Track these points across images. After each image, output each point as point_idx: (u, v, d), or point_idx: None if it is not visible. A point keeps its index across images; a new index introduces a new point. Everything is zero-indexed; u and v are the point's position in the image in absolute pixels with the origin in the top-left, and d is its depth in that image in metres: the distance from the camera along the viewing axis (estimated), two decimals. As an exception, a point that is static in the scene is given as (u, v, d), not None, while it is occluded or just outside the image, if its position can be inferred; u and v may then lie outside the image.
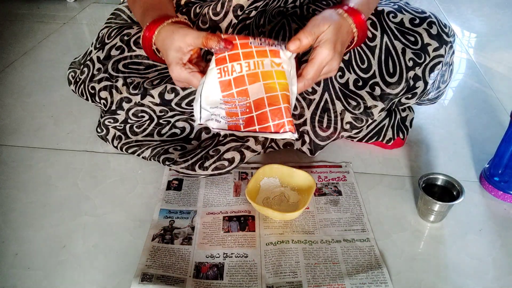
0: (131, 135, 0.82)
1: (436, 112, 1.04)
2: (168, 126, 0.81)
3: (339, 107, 0.78)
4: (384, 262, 0.65)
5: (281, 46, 0.58)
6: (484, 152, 0.89)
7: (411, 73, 0.75)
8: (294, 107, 0.78)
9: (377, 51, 0.75)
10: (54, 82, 1.12)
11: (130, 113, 0.79)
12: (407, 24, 0.75)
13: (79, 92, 0.87)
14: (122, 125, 0.82)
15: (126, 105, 0.79)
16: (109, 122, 0.82)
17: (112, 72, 0.80)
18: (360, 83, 0.77)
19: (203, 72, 0.62)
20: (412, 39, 0.75)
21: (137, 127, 0.82)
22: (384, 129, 0.86)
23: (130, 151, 0.81)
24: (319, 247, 0.67)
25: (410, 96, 0.79)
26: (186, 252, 0.66)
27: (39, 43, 1.34)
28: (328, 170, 0.83)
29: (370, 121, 0.79)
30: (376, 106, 0.77)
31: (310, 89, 0.78)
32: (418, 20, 0.75)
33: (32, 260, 0.65)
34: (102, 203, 0.75)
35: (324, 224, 0.71)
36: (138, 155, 0.80)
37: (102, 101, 0.82)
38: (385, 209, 0.75)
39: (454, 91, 1.15)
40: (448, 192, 0.73)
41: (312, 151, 0.82)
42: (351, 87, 0.77)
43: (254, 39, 0.58)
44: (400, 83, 0.75)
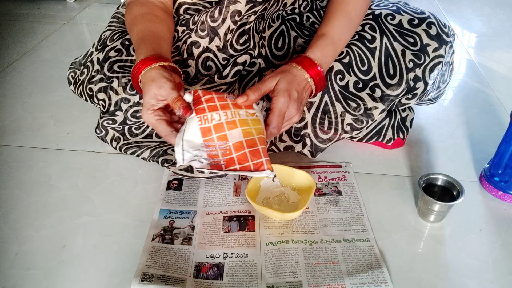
0: (129, 136, 0.82)
1: (436, 112, 1.04)
2: None
3: (339, 109, 0.78)
4: (384, 262, 0.65)
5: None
6: (484, 152, 0.89)
7: (411, 74, 0.75)
8: None
9: (377, 53, 0.75)
10: (54, 82, 1.12)
11: (129, 113, 0.79)
12: (406, 25, 0.75)
13: (78, 92, 0.88)
14: (121, 126, 0.82)
15: (124, 105, 0.79)
16: (107, 123, 0.82)
17: (108, 73, 0.80)
18: (360, 85, 0.77)
19: (180, 122, 0.66)
20: (411, 40, 0.75)
21: (135, 128, 0.82)
22: (384, 129, 0.86)
23: (129, 152, 0.81)
24: (319, 247, 0.67)
25: (410, 96, 0.79)
26: (186, 252, 0.66)
27: (39, 43, 1.34)
28: (328, 170, 0.83)
29: (370, 122, 0.79)
30: (376, 108, 0.77)
31: None
32: (417, 21, 0.75)
33: (32, 260, 0.65)
34: (102, 203, 0.75)
35: (324, 224, 0.71)
36: (138, 155, 0.80)
37: (101, 102, 0.82)
38: (385, 209, 0.75)
39: (454, 91, 1.15)
40: (448, 192, 0.73)
41: (313, 153, 0.82)
42: (351, 89, 0.77)
43: (229, 94, 0.66)
44: (401, 85, 0.75)
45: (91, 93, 0.83)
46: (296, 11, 0.84)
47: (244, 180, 0.80)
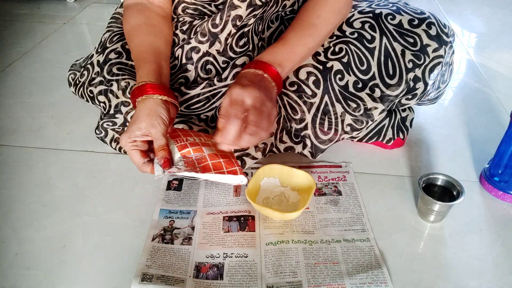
0: None
1: (436, 112, 1.04)
2: None
3: (339, 109, 0.78)
4: (384, 262, 0.65)
5: None
6: (484, 152, 0.89)
7: (411, 74, 0.75)
8: (295, 111, 0.79)
9: (376, 53, 0.75)
10: (54, 82, 1.12)
11: (129, 116, 0.79)
12: (406, 25, 0.75)
13: (79, 94, 0.88)
14: (121, 128, 0.82)
15: (124, 108, 0.79)
16: (107, 125, 0.82)
17: (107, 76, 0.80)
18: (360, 85, 0.77)
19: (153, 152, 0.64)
20: (411, 40, 0.75)
21: None
22: (384, 129, 0.86)
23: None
24: (319, 247, 0.67)
25: (410, 97, 0.79)
26: (186, 252, 0.66)
27: (39, 43, 1.34)
28: (328, 170, 0.83)
29: (370, 122, 0.79)
30: (376, 108, 0.77)
31: (310, 92, 0.78)
32: (417, 21, 0.75)
33: (32, 260, 0.65)
34: (102, 203, 0.75)
35: (324, 224, 0.71)
36: None
37: (102, 104, 0.82)
38: (385, 209, 0.75)
39: (454, 91, 1.15)
40: (448, 192, 0.73)
41: (313, 154, 0.82)
42: (351, 89, 0.77)
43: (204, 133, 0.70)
44: (400, 85, 0.75)
45: (91, 95, 0.83)
46: (295, 7, 0.84)
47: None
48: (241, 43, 0.79)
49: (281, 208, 0.73)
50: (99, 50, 0.85)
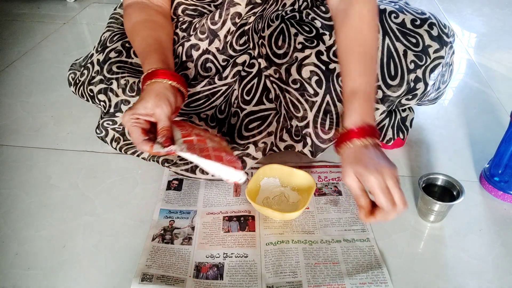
0: (129, 137, 0.82)
1: (436, 112, 1.04)
2: None
3: (340, 109, 0.78)
4: (384, 262, 0.65)
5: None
6: (484, 152, 0.89)
7: (412, 75, 0.75)
8: (297, 108, 0.79)
9: (379, 54, 0.75)
10: (54, 82, 1.12)
11: None
12: (409, 25, 0.75)
13: (80, 93, 0.88)
14: (121, 127, 0.82)
15: (124, 107, 0.79)
16: (107, 124, 0.82)
17: (107, 74, 0.80)
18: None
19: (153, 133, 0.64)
20: (413, 40, 0.74)
21: None
22: (384, 129, 0.86)
23: (129, 152, 0.81)
24: (319, 247, 0.67)
25: (410, 97, 0.79)
26: (186, 252, 0.66)
27: (39, 43, 1.34)
28: (328, 170, 0.83)
29: None
30: (377, 109, 0.77)
31: (312, 91, 0.78)
32: (419, 21, 0.75)
33: (32, 260, 0.65)
34: (102, 203, 0.75)
35: (324, 224, 0.71)
36: (138, 155, 0.80)
37: (102, 103, 0.82)
38: (385, 209, 0.75)
39: (454, 91, 1.15)
40: (448, 192, 0.73)
41: (313, 153, 0.82)
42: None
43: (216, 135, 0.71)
44: (402, 86, 0.75)
45: (92, 94, 0.83)
46: (296, 6, 0.84)
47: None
48: (241, 42, 0.79)
49: (281, 208, 0.73)
50: (99, 49, 0.85)
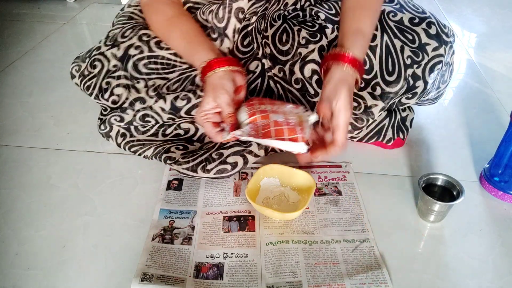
0: (135, 133, 0.82)
1: (436, 112, 1.04)
2: (172, 127, 0.81)
3: None
4: (384, 262, 0.65)
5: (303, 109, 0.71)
6: (484, 152, 0.89)
7: (410, 71, 0.75)
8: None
9: (377, 50, 0.76)
10: (54, 82, 1.12)
11: (138, 115, 0.78)
12: (406, 22, 0.76)
13: (84, 86, 0.84)
14: (127, 125, 0.81)
15: (139, 105, 0.78)
16: (114, 120, 0.80)
17: (134, 73, 0.79)
18: (362, 85, 0.77)
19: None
20: (410, 37, 0.75)
21: (142, 126, 0.81)
22: (384, 129, 0.86)
23: (132, 149, 0.81)
24: (319, 247, 0.67)
25: (410, 96, 0.79)
26: (186, 252, 0.66)
27: (39, 43, 1.34)
28: (328, 170, 0.83)
29: (371, 120, 0.79)
30: (376, 105, 0.77)
31: (312, 91, 0.79)
32: (417, 20, 0.76)
33: (32, 260, 0.65)
34: (102, 203, 0.75)
35: (324, 224, 0.71)
36: (140, 154, 0.80)
37: (113, 97, 0.79)
38: (385, 209, 0.75)
39: (454, 91, 1.15)
40: (448, 192, 0.73)
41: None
42: (354, 90, 0.77)
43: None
44: (399, 81, 0.75)
45: (106, 86, 0.80)
46: (298, 6, 0.84)
47: (244, 180, 0.80)
48: (245, 43, 0.79)
49: (281, 208, 0.73)
50: (108, 43, 0.83)
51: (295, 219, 0.72)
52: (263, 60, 0.81)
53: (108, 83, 0.80)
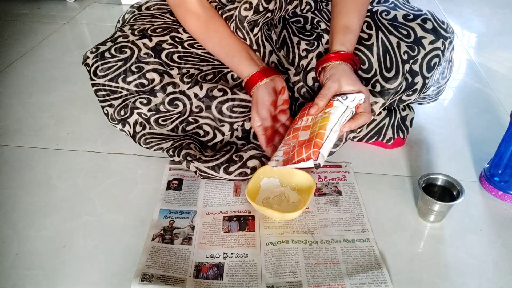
0: (155, 125, 0.79)
1: (436, 112, 1.04)
2: (194, 125, 0.80)
3: None
4: (384, 262, 0.65)
5: (340, 99, 0.71)
6: (484, 152, 0.89)
7: (407, 66, 0.75)
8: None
9: (375, 48, 0.76)
10: (54, 82, 1.12)
11: (167, 99, 0.77)
12: (400, 19, 0.77)
13: (100, 67, 0.78)
14: (149, 113, 0.78)
15: (170, 89, 0.77)
16: (140, 102, 0.78)
17: (168, 62, 0.79)
18: (363, 84, 0.77)
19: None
20: (405, 32, 0.75)
21: (163, 120, 0.79)
22: (384, 128, 0.86)
23: (146, 142, 0.79)
24: (319, 247, 0.67)
25: (410, 93, 0.79)
26: (186, 252, 0.66)
27: (39, 43, 1.34)
28: (328, 170, 0.83)
29: (372, 118, 0.79)
30: (376, 103, 0.77)
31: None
32: (412, 16, 0.76)
33: (32, 260, 0.65)
34: (102, 203, 0.75)
35: (324, 224, 0.72)
36: (155, 148, 0.78)
37: (141, 80, 0.77)
38: (385, 209, 0.75)
39: (454, 91, 1.15)
40: (448, 192, 0.73)
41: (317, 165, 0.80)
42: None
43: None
44: (397, 77, 0.76)
45: (137, 70, 0.78)
46: (297, 10, 0.84)
47: (244, 180, 0.80)
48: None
49: (281, 208, 0.73)
50: (137, 34, 0.80)
51: (295, 219, 0.72)
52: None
53: (139, 68, 0.78)
